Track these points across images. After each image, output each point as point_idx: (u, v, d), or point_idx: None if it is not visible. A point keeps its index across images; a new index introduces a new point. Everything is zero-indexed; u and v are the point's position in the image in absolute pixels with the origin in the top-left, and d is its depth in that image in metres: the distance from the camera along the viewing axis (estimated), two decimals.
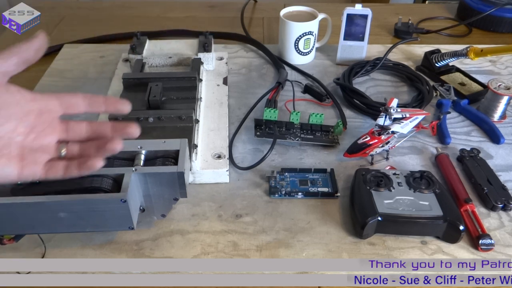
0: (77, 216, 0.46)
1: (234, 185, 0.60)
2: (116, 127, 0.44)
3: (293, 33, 0.82)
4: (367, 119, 0.72)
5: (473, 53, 0.78)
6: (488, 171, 0.60)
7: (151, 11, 1.11)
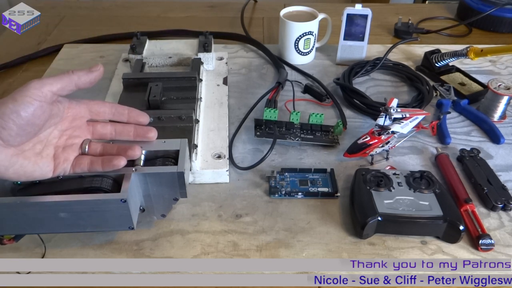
0: (77, 216, 0.46)
1: (234, 185, 0.60)
2: (138, 132, 0.50)
3: (293, 33, 0.82)
4: (367, 119, 0.72)
5: (473, 53, 0.78)
6: (488, 171, 0.60)
7: (151, 11, 1.11)
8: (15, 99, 0.40)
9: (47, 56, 0.90)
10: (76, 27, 1.02)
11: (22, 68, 0.87)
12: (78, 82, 0.44)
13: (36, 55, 0.89)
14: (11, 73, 0.85)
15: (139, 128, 0.50)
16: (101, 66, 0.46)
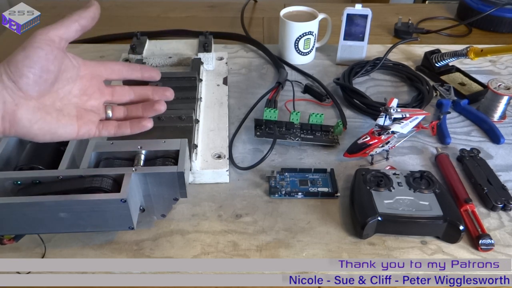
0: (77, 216, 0.46)
1: (234, 185, 0.60)
2: (156, 91, 0.51)
3: (293, 33, 0.82)
4: (367, 119, 0.72)
5: (473, 53, 0.78)
6: (488, 171, 0.60)
7: (151, 11, 1.11)
8: (24, 47, 0.40)
9: None
10: None
11: None
12: (80, 21, 0.44)
13: None
14: None
15: (156, 88, 0.51)
16: (95, 1, 0.46)
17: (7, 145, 0.51)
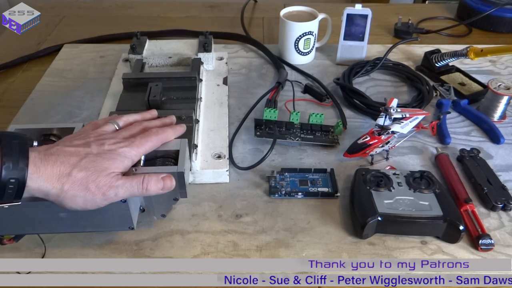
0: (77, 216, 0.46)
1: (234, 185, 0.60)
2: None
3: (293, 33, 0.82)
4: (367, 119, 0.72)
5: (473, 53, 0.78)
6: (488, 171, 0.60)
7: (151, 11, 1.11)
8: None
9: (47, 56, 0.90)
10: (76, 27, 1.02)
11: (22, 68, 0.87)
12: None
13: (36, 55, 0.89)
14: (11, 73, 0.85)
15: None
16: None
17: None
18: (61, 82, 0.80)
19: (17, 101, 0.75)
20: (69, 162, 0.42)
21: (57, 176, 0.41)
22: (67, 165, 0.41)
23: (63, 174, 0.41)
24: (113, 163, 0.44)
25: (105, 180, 0.42)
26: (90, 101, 0.75)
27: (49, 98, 0.76)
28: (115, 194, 0.43)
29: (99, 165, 0.43)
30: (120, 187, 0.43)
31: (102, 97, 0.74)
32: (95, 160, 0.43)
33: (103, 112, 0.69)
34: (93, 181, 0.42)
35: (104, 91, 0.75)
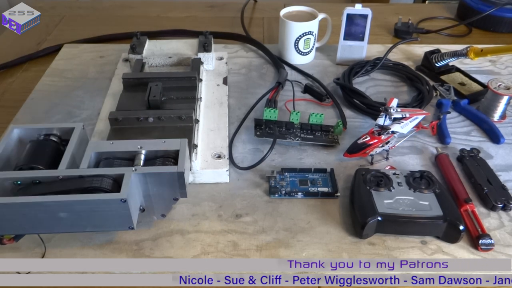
0: (77, 216, 0.46)
1: (234, 185, 0.60)
2: None
3: (293, 33, 0.82)
4: (367, 119, 0.72)
5: (473, 53, 0.78)
6: (488, 171, 0.60)
7: (151, 11, 1.11)
8: None
9: (47, 56, 0.90)
10: (76, 27, 1.02)
11: (22, 68, 0.87)
12: None
13: (36, 55, 0.89)
14: (11, 73, 0.85)
15: None
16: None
17: (7, 145, 0.51)
18: (61, 82, 0.80)
19: (17, 101, 0.75)
20: None
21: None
22: None
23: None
24: None
25: None
26: (90, 101, 0.75)
27: (49, 98, 0.76)
28: None
29: None
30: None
31: (102, 97, 0.74)
32: None
33: (103, 112, 0.69)
34: None
35: (104, 91, 0.75)
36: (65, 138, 0.53)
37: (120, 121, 0.60)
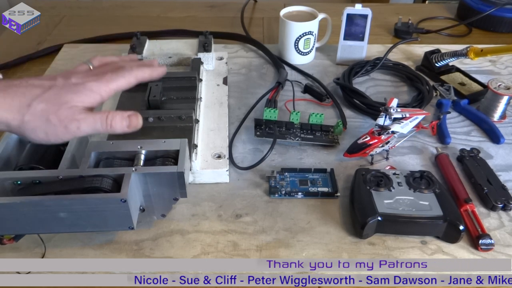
0: (77, 216, 0.46)
1: (234, 185, 0.60)
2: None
3: (293, 33, 0.82)
4: (367, 119, 0.72)
5: (473, 53, 0.78)
6: (488, 171, 0.60)
7: (151, 11, 1.11)
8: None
9: (47, 56, 0.90)
10: (76, 27, 1.02)
11: (22, 68, 0.87)
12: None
13: (36, 55, 0.89)
14: (11, 73, 0.85)
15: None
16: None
17: (7, 145, 0.51)
18: None
19: None
20: (30, 93, 0.40)
21: (18, 107, 0.40)
22: (28, 96, 0.40)
23: (23, 105, 0.40)
24: (77, 96, 0.42)
25: (67, 113, 0.41)
26: None
27: None
28: (77, 128, 0.41)
29: (62, 97, 0.41)
30: (82, 120, 0.42)
31: None
32: (59, 92, 0.41)
33: None
34: (54, 113, 0.40)
35: None
36: None
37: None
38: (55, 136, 0.41)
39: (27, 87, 0.41)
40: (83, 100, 0.42)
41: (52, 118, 0.40)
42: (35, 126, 0.40)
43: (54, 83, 0.42)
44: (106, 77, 0.44)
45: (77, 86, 0.43)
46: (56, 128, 0.41)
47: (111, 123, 0.43)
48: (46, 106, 0.40)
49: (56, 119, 0.40)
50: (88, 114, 0.42)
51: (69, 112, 0.41)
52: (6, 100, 0.39)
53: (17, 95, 0.40)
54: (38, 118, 0.40)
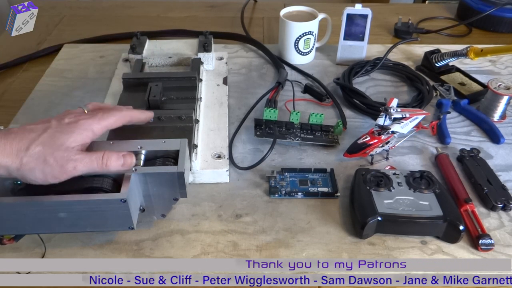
0: (77, 216, 0.46)
1: (234, 185, 0.60)
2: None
3: (293, 33, 0.82)
4: (367, 119, 0.72)
5: (473, 53, 0.78)
6: (488, 171, 0.60)
7: (151, 11, 1.11)
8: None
9: (47, 56, 0.90)
10: (76, 27, 1.02)
11: (22, 68, 0.87)
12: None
13: (36, 55, 0.89)
14: (11, 73, 0.85)
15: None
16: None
17: None
18: (61, 82, 0.80)
19: (17, 101, 0.75)
20: (27, 138, 0.43)
21: (16, 152, 0.42)
22: (25, 140, 0.43)
23: (21, 149, 0.42)
24: (71, 136, 0.45)
25: (62, 154, 0.43)
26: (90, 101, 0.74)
27: (49, 98, 0.76)
28: (73, 168, 0.44)
29: (56, 139, 0.44)
30: (79, 161, 0.44)
31: (102, 97, 0.74)
32: (53, 134, 0.44)
33: None
34: (50, 155, 0.43)
35: (104, 91, 0.75)
36: None
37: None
38: (52, 176, 0.44)
39: (24, 132, 0.44)
40: (76, 139, 0.45)
41: (49, 159, 0.43)
42: (33, 167, 0.43)
43: (49, 125, 0.45)
44: (98, 116, 0.48)
45: (69, 126, 0.46)
46: (53, 169, 0.43)
47: (106, 162, 0.45)
48: (43, 148, 0.43)
49: (52, 160, 0.43)
50: (84, 155, 0.45)
51: (64, 154, 0.44)
52: (6, 147, 0.42)
53: (16, 140, 0.43)
54: (35, 159, 0.43)
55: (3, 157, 0.42)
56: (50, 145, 0.43)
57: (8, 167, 0.42)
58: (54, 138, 0.44)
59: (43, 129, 0.45)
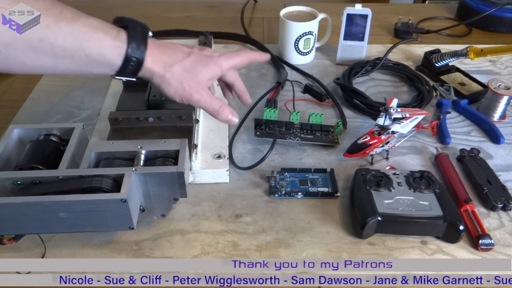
0: (77, 216, 0.46)
1: (234, 185, 0.60)
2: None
3: (293, 33, 0.82)
4: (367, 119, 0.72)
5: (473, 53, 0.78)
6: (488, 171, 0.60)
7: (151, 11, 1.11)
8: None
9: None
10: None
11: None
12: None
13: None
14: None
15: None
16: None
17: (7, 145, 0.51)
18: (61, 82, 0.80)
19: (17, 101, 0.75)
20: (175, 56, 0.49)
21: (164, 64, 0.48)
22: (173, 57, 0.49)
23: (167, 64, 0.48)
24: (206, 68, 0.50)
25: (195, 85, 0.49)
26: (90, 101, 0.75)
27: (49, 98, 0.76)
28: (197, 100, 0.50)
29: (195, 68, 0.50)
30: (204, 96, 0.50)
31: (102, 97, 0.74)
32: (194, 63, 0.50)
33: (103, 112, 0.69)
34: (187, 80, 0.49)
35: (104, 91, 0.75)
36: (65, 138, 0.53)
37: (120, 121, 0.60)
38: (180, 97, 0.50)
39: (174, 49, 0.50)
40: (208, 72, 0.51)
41: (184, 83, 0.49)
42: (170, 83, 0.49)
43: (192, 52, 0.51)
44: (227, 55, 0.53)
45: (207, 58, 0.51)
46: (185, 93, 0.49)
47: (218, 110, 0.51)
48: (183, 72, 0.49)
49: (187, 85, 0.49)
50: (209, 94, 0.51)
51: (197, 85, 0.50)
52: (158, 56, 0.48)
53: (166, 54, 0.49)
54: (174, 79, 0.48)
55: (154, 64, 0.47)
56: (189, 71, 0.49)
57: (154, 74, 0.48)
58: (194, 66, 0.49)
59: (188, 53, 0.50)
